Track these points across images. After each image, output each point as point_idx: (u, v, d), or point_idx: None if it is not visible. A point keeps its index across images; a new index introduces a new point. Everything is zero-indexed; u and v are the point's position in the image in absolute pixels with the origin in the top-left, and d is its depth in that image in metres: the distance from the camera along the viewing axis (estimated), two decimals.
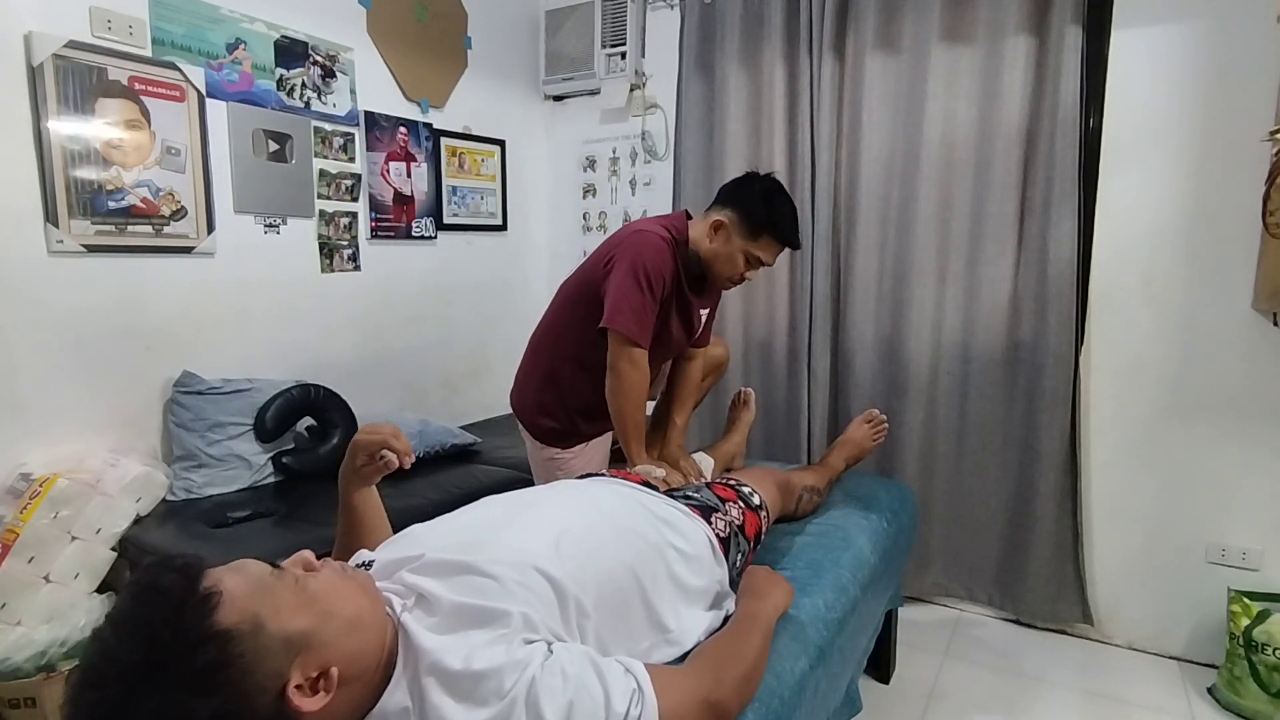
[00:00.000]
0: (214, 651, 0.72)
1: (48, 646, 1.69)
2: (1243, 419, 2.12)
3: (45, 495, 1.74)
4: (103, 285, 1.97)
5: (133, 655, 0.70)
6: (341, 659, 0.80)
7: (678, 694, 0.91)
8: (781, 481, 1.71)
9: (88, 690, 0.71)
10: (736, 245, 1.74)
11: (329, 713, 0.80)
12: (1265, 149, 1.91)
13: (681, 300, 1.80)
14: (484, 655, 0.83)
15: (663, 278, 1.70)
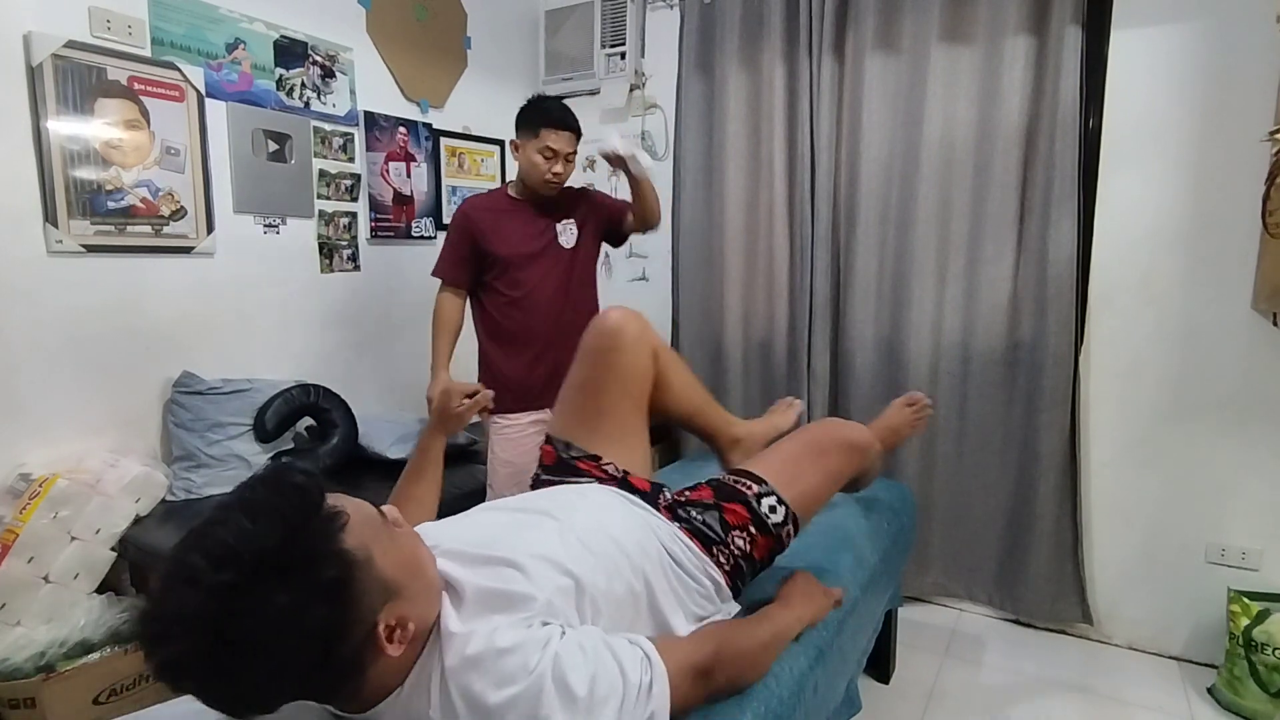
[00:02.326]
0: (339, 567, 0.75)
1: (47, 647, 1.69)
2: (1243, 419, 2.13)
3: (45, 495, 1.74)
4: (102, 285, 1.97)
5: (270, 543, 0.72)
6: (416, 618, 0.84)
7: (674, 658, 0.95)
8: (841, 449, 1.42)
9: (218, 569, 0.70)
10: (530, 150, 2.06)
11: (389, 668, 0.83)
12: (1265, 149, 1.91)
13: (508, 223, 2.13)
14: (507, 634, 0.85)
15: (457, 224, 2.14)
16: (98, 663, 1.69)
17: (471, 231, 2.11)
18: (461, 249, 2.12)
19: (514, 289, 2.13)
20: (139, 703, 1.64)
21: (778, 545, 1.31)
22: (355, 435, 2.38)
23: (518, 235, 2.13)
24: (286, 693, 0.77)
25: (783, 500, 1.30)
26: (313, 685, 0.79)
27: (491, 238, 2.10)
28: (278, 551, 0.72)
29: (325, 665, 0.76)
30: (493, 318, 2.17)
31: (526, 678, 0.82)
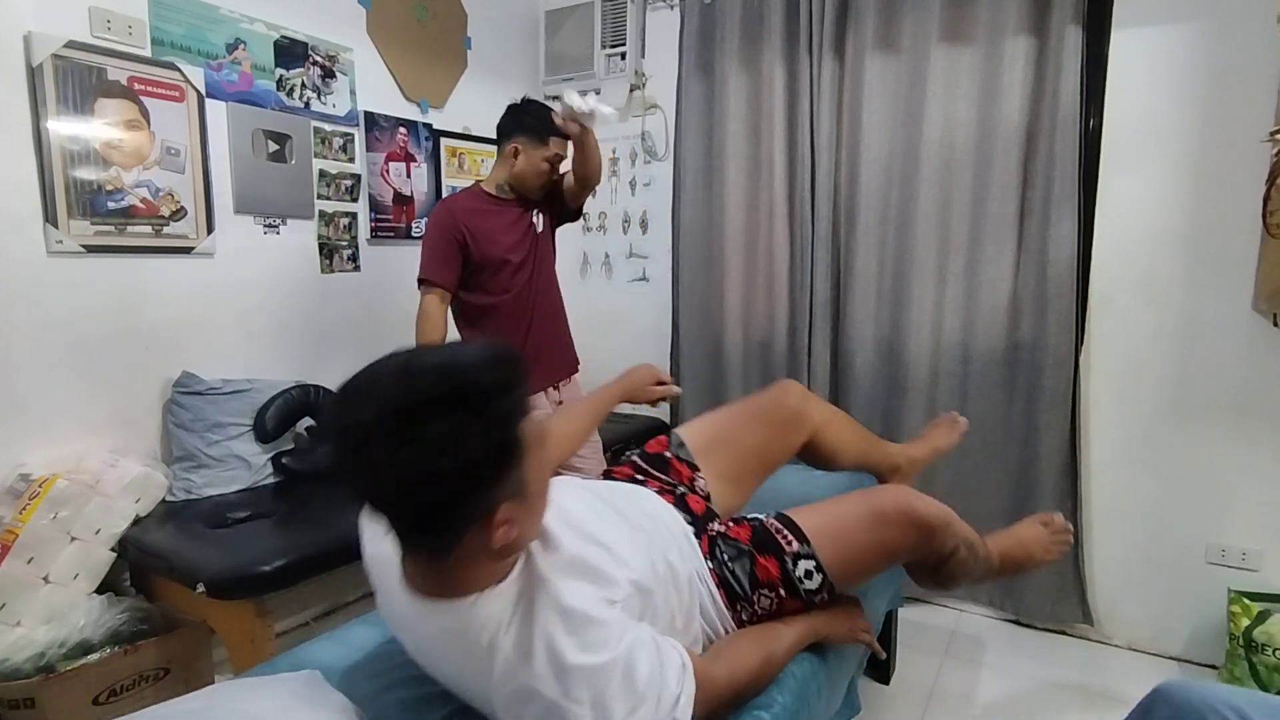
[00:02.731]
0: (510, 437, 0.81)
1: (47, 647, 1.68)
2: (1243, 419, 2.13)
3: (44, 496, 1.74)
4: (102, 286, 1.97)
5: (475, 378, 0.78)
6: (522, 531, 0.86)
7: (703, 676, 0.96)
8: (905, 524, 1.20)
9: (426, 375, 0.78)
10: (535, 158, 2.10)
11: (475, 560, 0.85)
12: (1265, 149, 1.92)
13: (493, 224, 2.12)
14: (598, 608, 0.89)
15: (442, 225, 2.07)
16: (97, 663, 1.68)
17: (459, 232, 2.07)
18: (449, 250, 2.07)
19: (501, 289, 2.14)
20: (139, 703, 1.64)
21: (806, 610, 1.22)
22: None
23: (506, 236, 2.14)
24: (411, 499, 0.79)
25: (821, 567, 1.18)
26: (428, 509, 0.79)
27: (482, 240, 2.09)
28: (476, 389, 0.78)
29: (451, 498, 0.79)
30: (475, 318, 2.15)
31: (607, 654, 0.85)
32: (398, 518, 0.81)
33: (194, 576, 1.66)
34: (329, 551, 1.80)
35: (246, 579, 1.66)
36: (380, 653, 1.20)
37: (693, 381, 2.97)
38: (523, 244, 2.17)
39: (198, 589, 1.65)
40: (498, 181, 2.17)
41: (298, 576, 1.72)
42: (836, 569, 1.19)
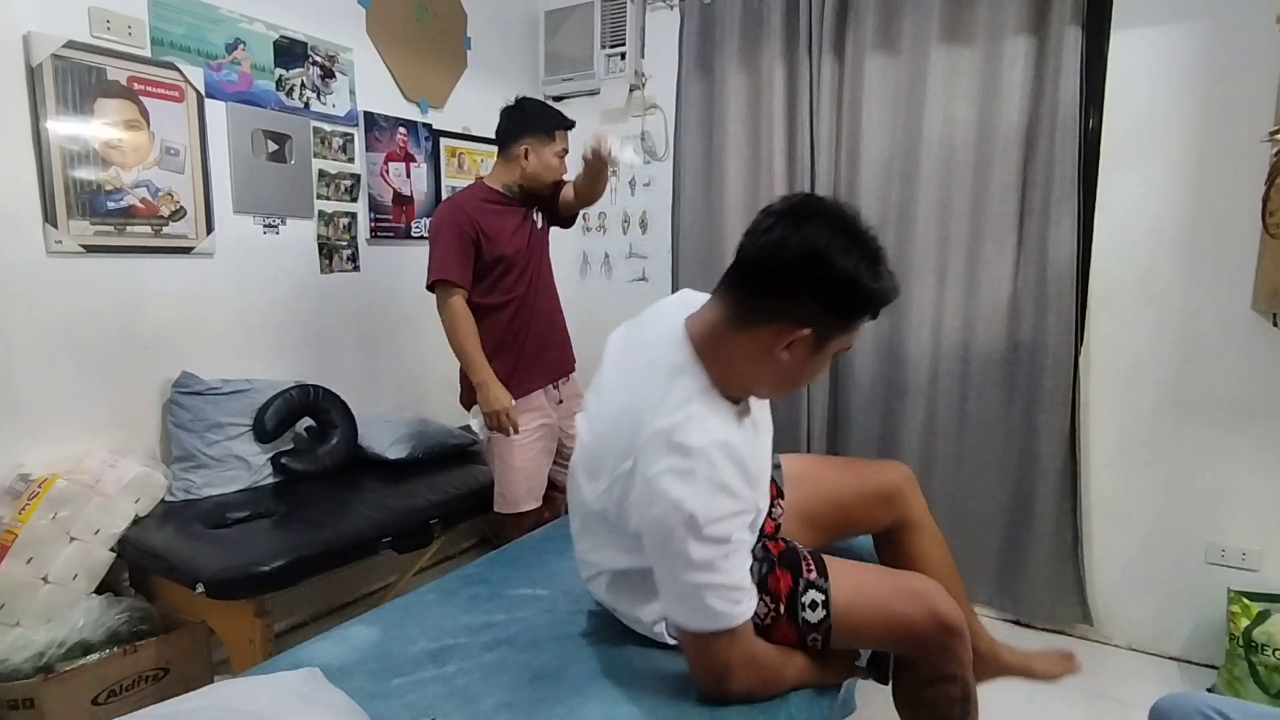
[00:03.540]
0: (860, 319, 1.01)
1: (46, 647, 1.68)
2: (1242, 419, 2.13)
3: (44, 496, 1.74)
4: (101, 286, 1.97)
5: (860, 243, 0.98)
6: (784, 371, 1.03)
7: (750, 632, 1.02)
8: (923, 616, 1.15)
9: (834, 212, 0.99)
10: (546, 154, 2.12)
11: (739, 357, 1.03)
12: (1265, 149, 1.92)
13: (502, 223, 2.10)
14: (741, 504, 0.99)
15: (454, 223, 2.03)
16: (96, 663, 1.68)
17: (473, 231, 2.03)
18: (465, 248, 2.02)
19: (510, 289, 2.11)
20: (139, 703, 1.64)
21: (796, 641, 1.16)
22: (355, 436, 2.37)
23: (515, 236, 2.12)
24: (787, 269, 0.97)
25: (828, 604, 1.14)
26: (785, 283, 0.98)
27: (495, 239, 2.06)
28: (888, 278, 0.99)
29: (806, 291, 0.97)
30: (484, 319, 2.08)
31: (722, 528, 0.95)
32: (759, 273, 1.00)
33: (193, 577, 1.66)
34: (328, 551, 1.80)
35: (246, 579, 1.66)
36: (379, 651, 1.20)
37: None
38: (527, 244, 2.15)
39: (197, 589, 1.65)
40: (505, 182, 2.13)
41: (297, 577, 1.72)
42: (840, 616, 1.15)
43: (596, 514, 1.13)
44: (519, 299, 2.13)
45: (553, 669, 1.15)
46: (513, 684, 1.11)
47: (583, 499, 1.17)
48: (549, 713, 1.05)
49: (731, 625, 0.99)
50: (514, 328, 2.12)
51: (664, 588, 1.02)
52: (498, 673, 1.14)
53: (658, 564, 1.01)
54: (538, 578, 1.47)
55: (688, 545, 0.94)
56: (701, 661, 1.04)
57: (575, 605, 1.36)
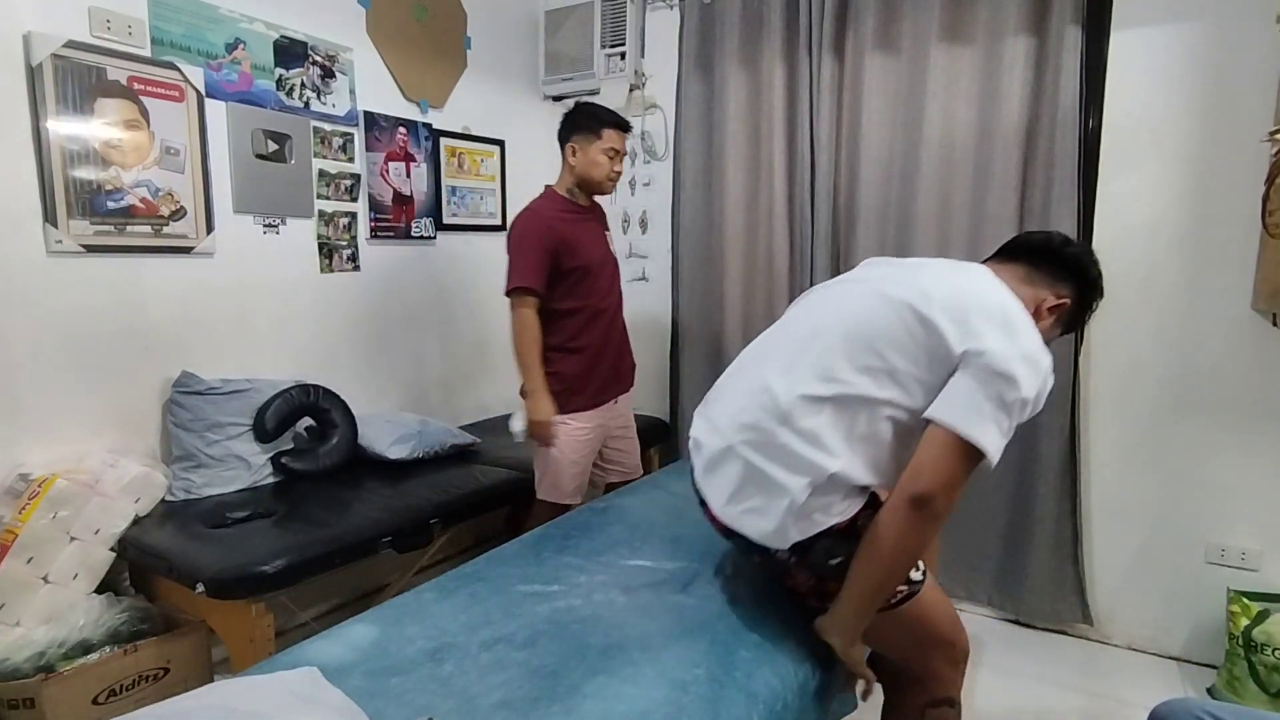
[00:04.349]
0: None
1: (46, 647, 1.68)
2: (1242, 419, 2.13)
3: (44, 496, 1.74)
4: (102, 285, 1.97)
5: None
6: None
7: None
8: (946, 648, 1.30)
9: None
10: (594, 151, 2.14)
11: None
12: (1264, 149, 1.91)
13: (580, 232, 2.18)
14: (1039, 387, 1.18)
15: (538, 232, 2.09)
16: (97, 663, 1.68)
17: (554, 241, 2.08)
18: (545, 259, 2.07)
19: (587, 296, 2.16)
20: (139, 703, 1.64)
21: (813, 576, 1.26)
22: (355, 435, 2.38)
23: (592, 243, 2.20)
24: (1069, 260, 1.33)
25: (921, 582, 1.26)
26: (1065, 266, 1.32)
27: (575, 247, 2.12)
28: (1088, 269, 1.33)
29: (1071, 279, 1.32)
30: (562, 325, 2.14)
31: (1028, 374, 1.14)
32: (1049, 254, 1.33)
33: (193, 576, 1.66)
34: (328, 551, 1.80)
35: (246, 579, 1.66)
36: (378, 651, 1.20)
37: (692, 381, 2.97)
38: (603, 251, 2.24)
39: (197, 589, 1.65)
40: (567, 186, 2.20)
41: (297, 576, 1.72)
42: (924, 592, 1.26)
43: (816, 348, 1.23)
44: (596, 306, 2.18)
45: (550, 667, 1.15)
46: (511, 682, 1.12)
47: (779, 369, 1.27)
48: (546, 711, 1.05)
49: (985, 451, 1.12)
50: (592, 333, 2.18)
51: (967, 397, 1.13)
52: (496, 671, 1.14)
53: (971, 384, 1.13)
54: (536, 575, 1.48)
55: (1019, 384, 1.11)
56: (947, 464, 1.12)
57: (574, 603, 1.36)
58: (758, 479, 1.23)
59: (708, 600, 1.37)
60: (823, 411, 1.19)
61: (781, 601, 1.37)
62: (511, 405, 3.29)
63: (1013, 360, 1.11)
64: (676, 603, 1.36)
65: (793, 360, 1.27)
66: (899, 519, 1.12)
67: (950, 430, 1.12)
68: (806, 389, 1.21)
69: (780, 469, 1.20)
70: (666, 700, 1.07)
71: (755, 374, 1.32)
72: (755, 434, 1.24)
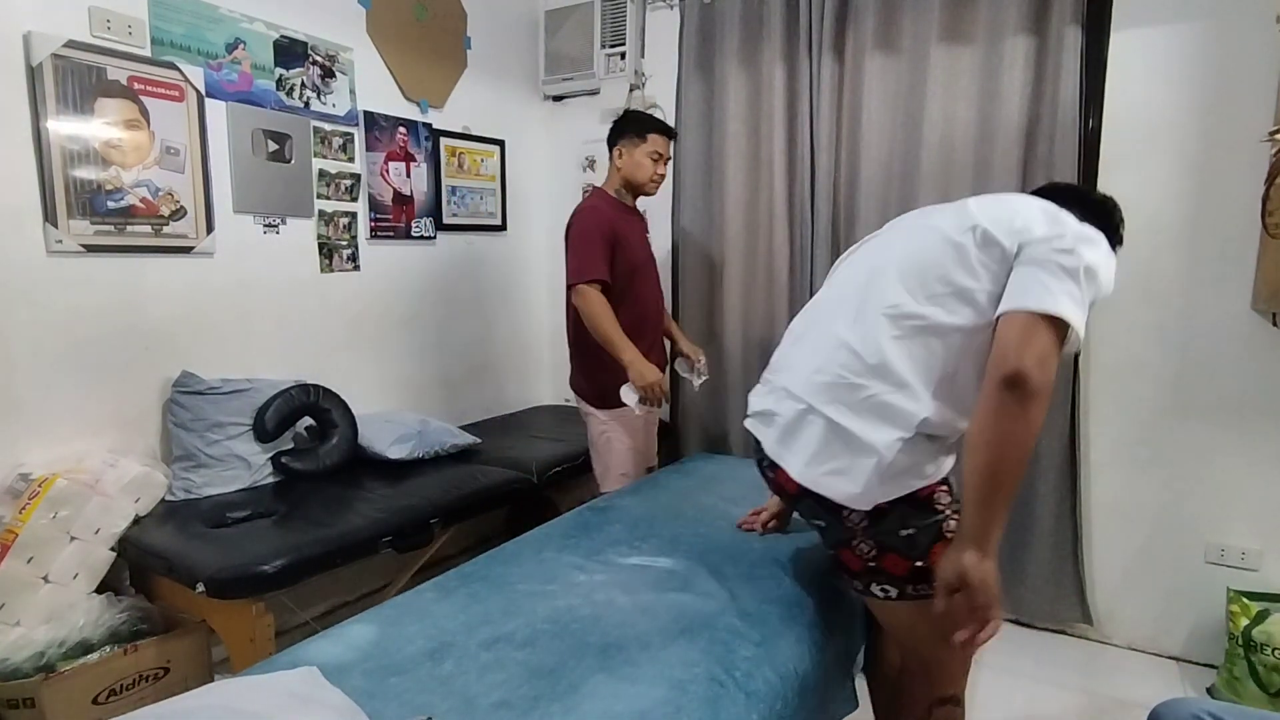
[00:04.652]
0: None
1: (46, 647, 1.68)
2: (1242, 419, 2.13)
3: (44, 495, 1.74)
4: (102, 285, 1.97)
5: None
6: None
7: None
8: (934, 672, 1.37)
9: None
10: (639, 154, 2.27)
11: None
12: (1264, 149, 1.92)
13: (629, 231, 2.30)
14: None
15: (601, 228, 2.20)
16: (97, 663, 1.68)
17: (612, 235, 2.21)
18: (607, 250, 2.19)
19: (637, 293, 2.29)
20: (139, 702, 1.65)
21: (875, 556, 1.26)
22: (355, 435, 2.38)
23: (639, 244, 2.34)
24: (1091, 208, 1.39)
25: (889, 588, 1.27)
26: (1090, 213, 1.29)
27: (626, 243, 2.25)
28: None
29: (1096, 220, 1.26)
30: (621, 319, 2.20)
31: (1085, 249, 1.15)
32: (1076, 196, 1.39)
33: (193, 576, 1.66)
34: (329, 551, 1.80)
35: (246, 578, 1.66)
36: (377, 650, 1.20)
37: None
38: (648, 253, 2.39)
39: (197, 588, 1.65)
40: (615, 187, 2.33)
41: (297, 576, 1.73)
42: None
43: (898, 318, 1.21)
44: (642, 303, 2.31)
45: (550, 666, 1.15)
46: (510, 682, 1.11)
47: (851, 326, 1.26)
48: (546, 710, 1.05)
49: (1063, 317, 1.08)
50: (640, 329, 2.27)
51: (1029, 279, 1.12)
52: (495, 670, 1.14)
53: (1029, 268, 1.13)
54: (535, 574, 1.47)
55: (1078, 253, 1.12)
56: (1029, 337, 1.09)
57: (573, 602, 1.36)
58: (843, 437, 1.21)
59: (707, 599, 1.37)
60: (902, 352, 1.19)
61: (782, 600, 1.37)
62: (512, 404, 3.31)
63: (1065, 237, 1.13)
64: (676, 602, 1.36)
65: (860, 309, 1.26)
66: (994, 406, 1.09)
67: (1021, 311, 1.11)
68: (882, 331, 1.21)
69: (867, 424, 1.19)
70: (666, 700, 1.07)
71: (824, 333, 1.31)
72: (837, 390, 1.22)
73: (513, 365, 3.35)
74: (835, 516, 1.25)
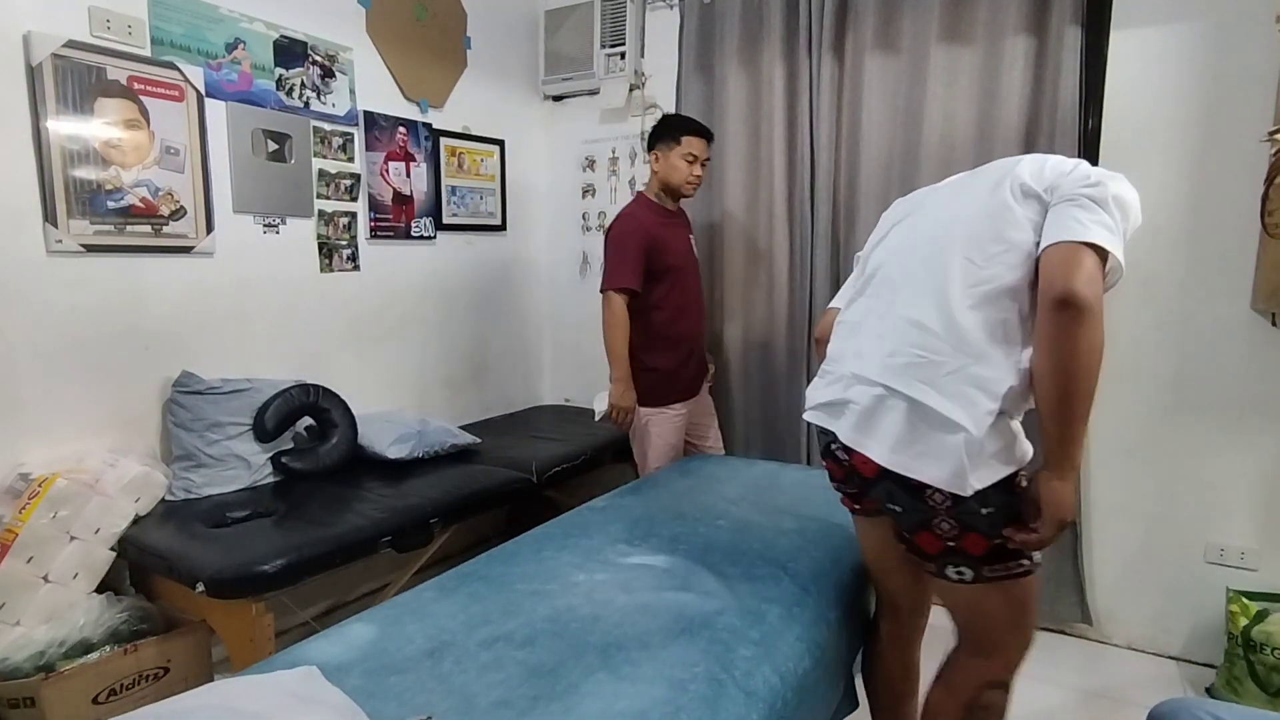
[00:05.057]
0: None
1: (46, 646, 1.68)
2: (1241, 419, 2.13)
3: (44, 495, 1.74)
4: (102, 285, 1.97)
5: None
6: None
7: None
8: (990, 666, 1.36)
9: None
10: (674, 157, 2.35)
11: None
12: (1264, 149, 1.92)
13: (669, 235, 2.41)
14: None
15: (636, 235, 2.31)
16: (97, 662, 1.69)
17: (649, 243, 2.30)
18: (640, 260, 2.29)
19: (676, 295, 2.39)
20: (139, 702, 1.65)
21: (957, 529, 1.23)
22: (355, 435, 2.38)
23: (679, 247, 2.43)
24: None
25: (963, 566, 1.26)
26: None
27: (664, 249, 2.34)
28: None
29: None
30: (654, 322, 2.37)
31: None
32: None
33: (193, 576, 1.66)
34: (328, 551, 1.80)
35: (246, 578, 1.66)
36: (377, 650, 1.20)
37: None
38: (689, 254, 2.48)
39: (197, 588, 1.65)
40: (655, 191, 2.44)
41: (297, 576, 1.73)
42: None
43: (979, 285, 1.21)
44: (682, 304, 2.42)
45: (549, 666, 1.15)
46: (509, 681, 1.12)
47: (931, 308, 1.24)
48: (545, 709, 1.05)
49: (1099, 243, 1.14)
50: (680, 330, 2.42)
51: (1062, 216, 1.16)
52: (494, 670, 1.15)
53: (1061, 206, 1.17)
54: (535, 574, 1.48)
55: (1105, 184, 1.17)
56: (1073, 262, 1.13)
57: (573, 602, 1.36)
58: (929, 418, 1.19)
59: (707, 599, 1.37)
60: (978, 320, 1.19)
61: (782, 600, 1.38)
62: (512, 404, 3.31)
63: (1090, 175, 1.18)
64: (676, 601, 1.36)
65: (923, 289, 1.26)
66: (1051, 330, 1.12)
67: (1058, 243, 1.14)
68: (955, 303, 1.21)
69: (952, 402, 1.17)
70: (665, 699, 1.07)
71: (887, 318, 1.30)
72: (916, 370, 1.21)
73: (512, 365, 3.35)
74: (918, 497, 1.22)
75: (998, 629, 1.31)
